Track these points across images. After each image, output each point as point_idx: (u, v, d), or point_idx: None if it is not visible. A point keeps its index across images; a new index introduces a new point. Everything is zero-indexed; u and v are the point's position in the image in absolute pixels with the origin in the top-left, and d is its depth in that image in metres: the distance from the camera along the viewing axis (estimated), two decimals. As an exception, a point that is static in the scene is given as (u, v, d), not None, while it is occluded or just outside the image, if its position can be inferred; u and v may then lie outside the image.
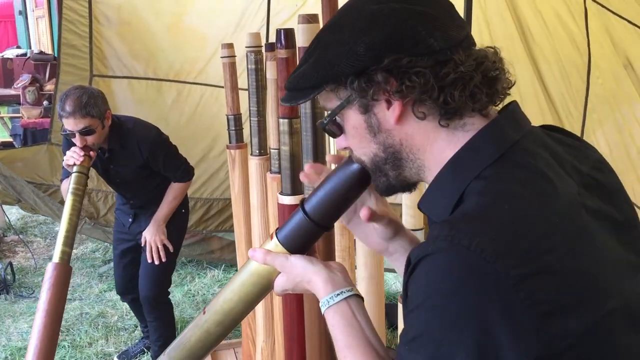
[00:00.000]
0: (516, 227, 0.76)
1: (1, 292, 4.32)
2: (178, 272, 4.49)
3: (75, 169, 2.59)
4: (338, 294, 0.97)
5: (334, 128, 0.94)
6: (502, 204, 0.79)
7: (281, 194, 1.61)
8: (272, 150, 2.07)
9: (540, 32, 3.75)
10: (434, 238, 0.78)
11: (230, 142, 2.71)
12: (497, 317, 0.72)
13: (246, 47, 2.38)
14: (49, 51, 9.64)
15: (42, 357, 2.03)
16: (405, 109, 0.86)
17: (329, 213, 1.03)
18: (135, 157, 2.93)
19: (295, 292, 1.05)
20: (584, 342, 0.75)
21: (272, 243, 1.07)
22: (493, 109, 0.90)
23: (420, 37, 0.83)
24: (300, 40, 1.43)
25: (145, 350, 3.53)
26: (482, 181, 0.82)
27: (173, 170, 3.05)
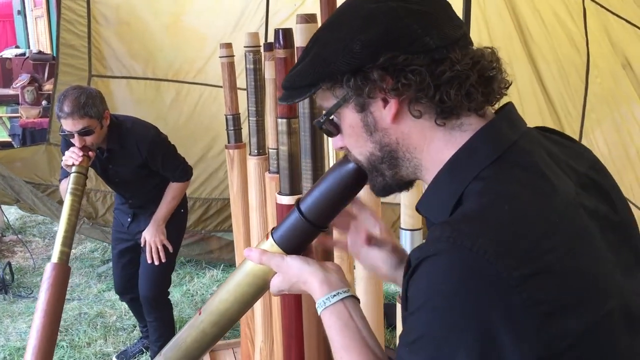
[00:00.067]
0: (516, 227, 0.76)
1: (0, 292, 4.31)
2: (177, 272, 4.48)
3: (74, 169, 2.59)
4: (334, 295, 0.97)
5: (330, 127, 0.94)
6: (501, 205, 0.78)
7: (279, 193, 1.61)
8: (270, 150, 2.07)
9: (539, 32, 3.76)
10: (435, 239, 0.78)
11: (229, 142, 2.71)
12: (498, 318, 0.71)
13: (245, 47, 2.38)
14: (48, 51, 9.62)
15: (40, 357, 2.03)
16: (401, 107, 0.86)
17: (325, 213, 1.03)
18: (134, 156, 2.92)
19: (291, 292, 1.05)
20: (584, 342, 0.74)
21: (267, 243, 1.07)
22: (489, 109, 0.90)
23: (417, 35, 0.83)
24: (299, 40, 1.42)
25: (144, 350, 3.53)
26: (481, 182, 0.82)
27: (172, 170, 3.04)
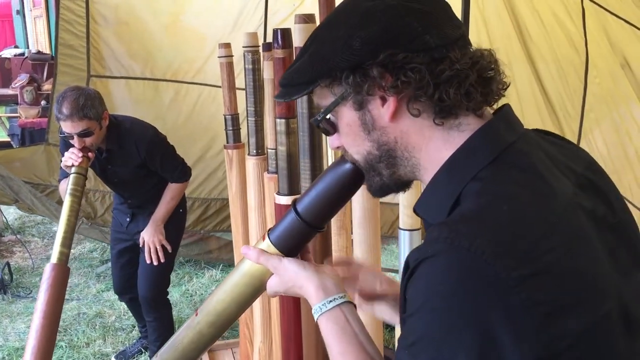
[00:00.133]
0: (515, 227, 0.76)
1: (-1, 292, 4.32)
2: (176, 272, 4.48)
3: (73, 170, 2.59)
4: (330, 301, 0.97)
5: (327, 126, 0.93)
6: (500, 205, 0.78)
7: (278, 194, 1.61)
8: (269, 150, 2.07)
9: (538, 32, 3.76)
10: (432, 240, 0.77)
11: (227, 142, 2.71)
12: (497, 319, 0.71)
13: (243, 47, 2.37)
14: (47, 51, 9.61)
15: (39, 357, 2.03)
16: (400, 105, 0.85)
17: (321, 214, 1.02)
18: (133, 156, 2.92)
19: (287, 294, 1.05)
20: (583, 342, 0.74)
21: (264, 243, 1.06)
22: (488, 110, 0.90)
23: (417, 33, 0.82)
24: (297, 40, 1.42)
25: (142, 350, 3.53)
26: (479, 182, 0.82)
27: (170, 170, 3.04)
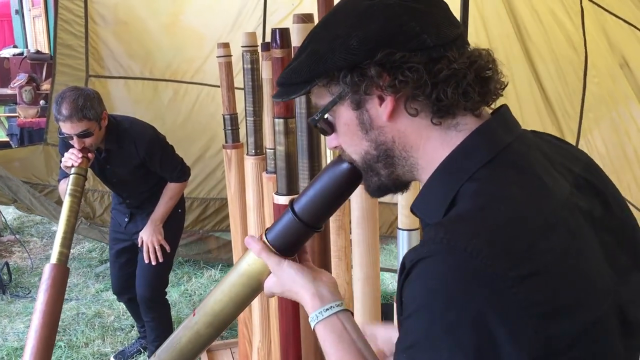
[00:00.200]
0: (512, 228, 0.75)
1: (-2, 293, 4.32)
2: (175, 272, 4.48)
3: (73, 170, 2.59)
4: (327, 309, 0.97)
5: (324, 126, 0.93)
6: (497, 205, 0.78)
7: (277, 193, 1.61)
8: (268, 150, 2.07)
9: (537, 32, 3.76)
10: (429, 241, 0.77)
11: (226, 142, 2.71)
12: (495, 319, 0.71)
13: (242, 46, 2.37)
14: (46, 50, 9.59)
15: (38, 357, 2.02)
16: (397, 105, 0.85)
17: (319, 213, 1.02)
18: (132, 156, 2.92)
19: (283, 296, 1.05)
20: (581, 343, 0.74)
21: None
22: (485, 110, 0.89)
23: (414, 32, 0.82)
24: (296, 40, 1.42)
25: (141, 350, 3.52)
26: (476, 183, 0.81)
27: (169, 170, 3.04)
